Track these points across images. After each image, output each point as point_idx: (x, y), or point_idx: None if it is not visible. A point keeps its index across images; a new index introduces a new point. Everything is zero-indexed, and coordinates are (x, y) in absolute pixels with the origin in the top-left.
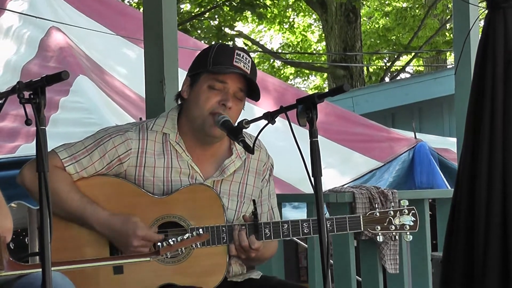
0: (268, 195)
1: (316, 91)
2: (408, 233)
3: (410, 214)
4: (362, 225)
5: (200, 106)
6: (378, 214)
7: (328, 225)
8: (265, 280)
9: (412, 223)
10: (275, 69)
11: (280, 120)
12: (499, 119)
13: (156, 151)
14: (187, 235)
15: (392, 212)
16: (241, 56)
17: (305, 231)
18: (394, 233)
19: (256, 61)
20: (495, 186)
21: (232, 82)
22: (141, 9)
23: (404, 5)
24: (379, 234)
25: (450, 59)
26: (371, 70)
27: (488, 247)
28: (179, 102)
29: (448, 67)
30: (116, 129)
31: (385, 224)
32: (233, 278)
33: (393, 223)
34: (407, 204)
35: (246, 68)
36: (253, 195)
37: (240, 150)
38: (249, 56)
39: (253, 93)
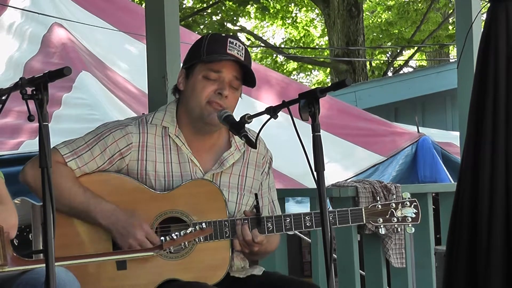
0: (268, 188)
1: (319, 86)
2: (410, 225)
3: (412, 206)
4: (364, 218)
5: (197, 96)
6: (380, 206)
7: (331, 218)
8: (267, 277)
9: (414, 215)
10: (277, 64)
11: (282, 115)
12: (501, 112)
13: (157, 145)
14: (190, 229)
15: (394, 205)
16: (234, 44)
17: (307, 224)
18: (396, 226)
19: (258, 56)
20: (498, 179)
21: (227, 70)
22: (144, 5)
23: None
24: (381, 226)
25: (453, 53)
26: (374, 64)
27: (491, 240)
28: (177, 96)
29: (451, 61)
30: (116, 123)
31: (387, 217)
32: (235, 273)
33: (395, 215)
34: (409, 196)
35: (240, 55)
36: (252, 188)
37: (239, 142)
38: (242, 43)
39: (248, 80)
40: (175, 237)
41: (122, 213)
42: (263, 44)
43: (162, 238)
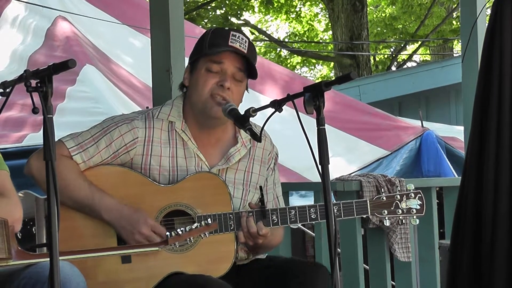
0: (273, 184)
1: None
2: (415, 216)
3: (417, 197)
4: (369, 210)
5: (199, 90)
6: (385, 198)
7: (335, 210)
8: (271, 260)
9: (418, 207)
10: (281, 59)
11: (287, 109)
12: (506, 107)
13: (163, 140)
14: (195, 224)
15: (398, 196)
16: (237, 36)
17: (312, 216)
18: (401, 217)
19: (262, 50)
20: (502, 174)
21: (229, 62)
22: None
23: None
24: (386, 218)
25: (457, 47)
26: (377, 59)
27: (495, 235)
28: (184, 91)
29: (455, 55)
30: (122, 117)
31: (392, 208)
32: (239, 262)
33: (400, 207)
34: (413, 188)
35: (243, 47)
36: (258, 184)
37: (246, 138)
38: (246, 37)
39: (252, 72)
40: (180, 232)
41: (126, 209)
42: (267, 38)
43: (168, 233)
